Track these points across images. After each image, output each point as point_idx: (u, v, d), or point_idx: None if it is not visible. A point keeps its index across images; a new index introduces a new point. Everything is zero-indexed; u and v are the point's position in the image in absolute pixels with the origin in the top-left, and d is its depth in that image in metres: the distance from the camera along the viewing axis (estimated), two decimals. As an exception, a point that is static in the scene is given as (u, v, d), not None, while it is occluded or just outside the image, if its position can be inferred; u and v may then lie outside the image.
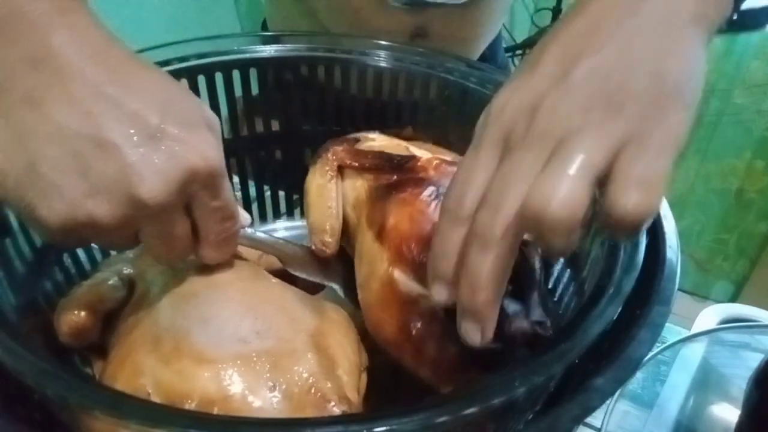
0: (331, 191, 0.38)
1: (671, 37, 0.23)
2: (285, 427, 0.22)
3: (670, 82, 0.22)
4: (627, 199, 0.20)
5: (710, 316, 0.50)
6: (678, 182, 1.35)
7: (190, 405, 0.25)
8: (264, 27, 0.65)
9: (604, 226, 0.22)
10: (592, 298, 0.25)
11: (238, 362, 0.27)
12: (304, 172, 0.42)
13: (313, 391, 0.27)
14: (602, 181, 0.21)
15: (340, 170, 0.39)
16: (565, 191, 0.21)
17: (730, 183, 1.32)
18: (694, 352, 0.45)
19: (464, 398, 0.21)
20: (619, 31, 0.23)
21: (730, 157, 1.30)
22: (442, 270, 0.25)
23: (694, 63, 0.23)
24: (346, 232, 0.38)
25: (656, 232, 0.30)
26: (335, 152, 0.39)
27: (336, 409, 0.26)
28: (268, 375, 0.26)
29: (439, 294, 0.25)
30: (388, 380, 0.32)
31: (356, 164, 0.38)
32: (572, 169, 0.21)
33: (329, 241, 0.37)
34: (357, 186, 0.38)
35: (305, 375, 0.27)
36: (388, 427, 0.19)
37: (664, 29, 0.23)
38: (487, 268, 0.22)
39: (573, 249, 0.22)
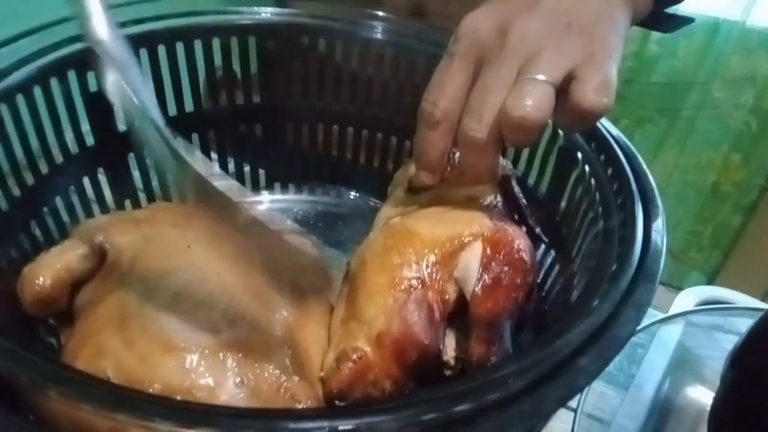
0: None
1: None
2: (253, 419, 0.20)
3: (609, 20, 0.29)
4: (592, 98, 0.27)
5: (687, 298, 0.50)
6: (655, 174, 1.37)
7: (151, 394, 0.24)
8: None
9: (566, 121, 0.28)
10: (585, 293, 0.25)
11: (206, 352, 0.25)
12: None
13: (282, 390, 0.25)
14: (562, 88, 0.27)
15: None
16: (537, 97, 0.27)
17: (706, 176, 1.34)
18: (670, 334, 0.46)
19: (445, 397, 0.20)
20: None
21: (708, 151, 1.32)
22: (424, 162, 0.32)
23: (621, 17, 0.31)
24: None
25: (643, 211, 0.29)
26: None
27: (304, 411, 0.25)
28: (236, 369, 0.25)
29: (426, 178, 0.33)
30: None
31: None
32: (541, 79, 0.27)
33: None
34: None
35: (276, 372, 0.26)
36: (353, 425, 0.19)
37: None
38: (484, 162, 0.30)
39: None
